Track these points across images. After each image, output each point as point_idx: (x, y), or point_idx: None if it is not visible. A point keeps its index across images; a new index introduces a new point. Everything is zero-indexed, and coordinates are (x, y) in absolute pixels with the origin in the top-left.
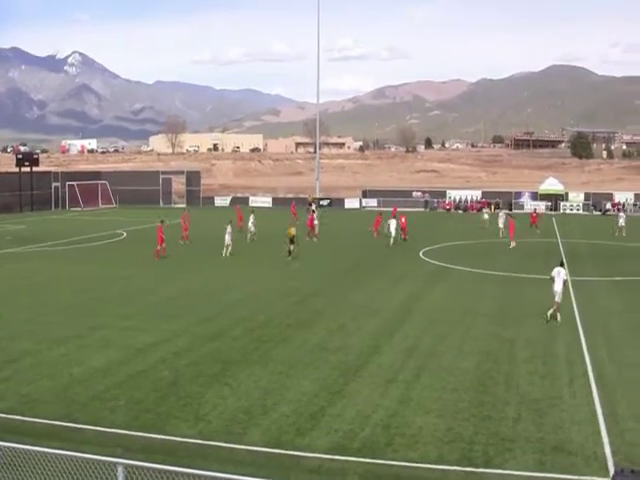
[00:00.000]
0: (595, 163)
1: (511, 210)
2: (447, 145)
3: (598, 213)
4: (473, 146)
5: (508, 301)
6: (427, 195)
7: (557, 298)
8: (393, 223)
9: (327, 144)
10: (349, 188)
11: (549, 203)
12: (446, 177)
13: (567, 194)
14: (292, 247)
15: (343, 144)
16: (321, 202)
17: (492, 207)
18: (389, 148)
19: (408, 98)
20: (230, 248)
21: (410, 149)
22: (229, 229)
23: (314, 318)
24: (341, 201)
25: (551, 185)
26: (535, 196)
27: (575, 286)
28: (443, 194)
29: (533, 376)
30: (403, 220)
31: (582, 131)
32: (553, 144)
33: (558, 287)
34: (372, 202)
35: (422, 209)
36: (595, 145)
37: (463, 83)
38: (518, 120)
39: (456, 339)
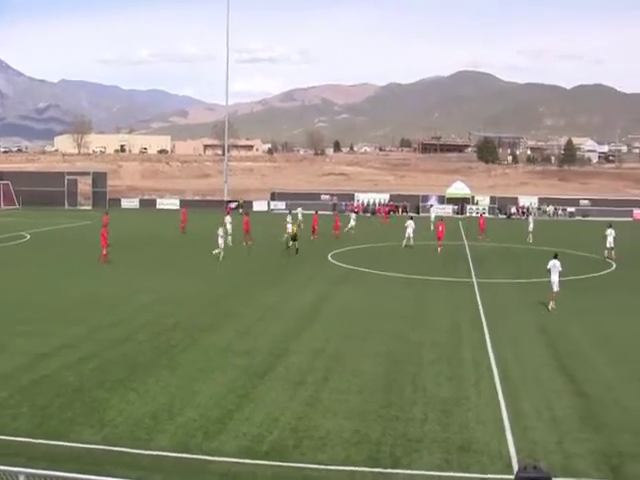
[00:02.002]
0: (501, 167)
1: (418, 213)
2: (355, 148)
3: (503, 217)
4: (381, 150)
5: (415, 304)
6: (335, 198)
7: (555, 288)
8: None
9: (236, 146)
10: (258, 191)
11: (456, 206)
12: (354, 180)
13: (474, 198)
14: (294, 243)
15: (252, 147)
16: (230, 204)
17: (400, 210)
18: (298, 151)
19: (317, 101)
20: (222, 253)
21: (319, 152)
22: (221, 232)
23: (223, 321)
24: (249, 203)
25: (458, 189)
26: (442, 199)
27: (481, 288)
28: (351, 197)
29: (440, 377)
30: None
31: (488, 136)
32: (460, 148)
33: (555, 277)
34: (280, 205)
35: (330, 212)
36: (501, 150)
37: (372, 87)
38: (426, 124)
39: (364, 341)
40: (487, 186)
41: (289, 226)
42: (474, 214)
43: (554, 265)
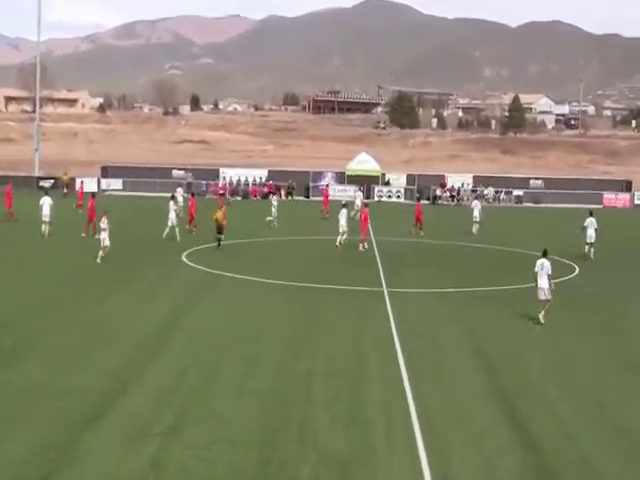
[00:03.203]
0: (422, 135)
1: (308, 197)
2: (222, 106)
3: (426, 202)
4: (257, 109)
5: (301, 321)
6: (191, 175)
7: (543, 296)
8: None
9: (52, 100)
10: (83, 164)
11: (360, 188)
12: (219, 151)
13: (384, 176)
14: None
15: (75, 101)
16: (41, 183)
17: (283, 193)
18: (141, 108)
19: (168, 38)
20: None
21: (170, 110)
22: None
23: (31, 347)
24: (72, 183)
25: (363, 163)
26: (341, 178)
27: (395, 300)
28: (215, 174)
29: (336, 423)
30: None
31: (405, 91)
32: (366, 108)
33: (544, 283)
34: (116, 184)
35: (185, 194)
36: (422, 111)
37: (244, 21)
38: (320, 74)
39: (232, 374)
40: (402, 160)
41: (172, 216)
42: (384, 198)
43: (542, 266)
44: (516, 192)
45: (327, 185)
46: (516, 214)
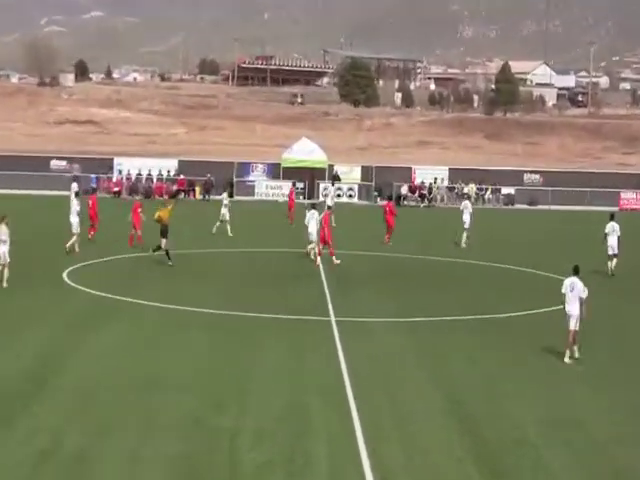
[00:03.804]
0: (382, 114)
1: (232, 196)
2: (117, 75)
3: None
4: (164, 79)
5: (225, 362)
6: (77, 167)
7: (573, 325)
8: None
9: None
10: None
11: (301, 184)
12: (114, 134)
13: (332, 168)
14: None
15: None
16: None
17: (197, 191)
18: (7, 77)
19: None
20: None
21: (47, 81)
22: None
23: None
24: None
25: (304, 152)
26: (275, 171)
27: (346, 333)
28: (109, 165)
29: None
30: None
31: (359, 57)
32: (308, 79)
33: (574, 309)
34: None
35: (67, 192)
36: (382, 82)
37: None
38: (247, 34)
39: (131, 433)
40: (356, 147)
41: (74, 220)
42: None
43: (572, 286)
44: (506, 190)
45: (293, 183)
46: (506, 219)
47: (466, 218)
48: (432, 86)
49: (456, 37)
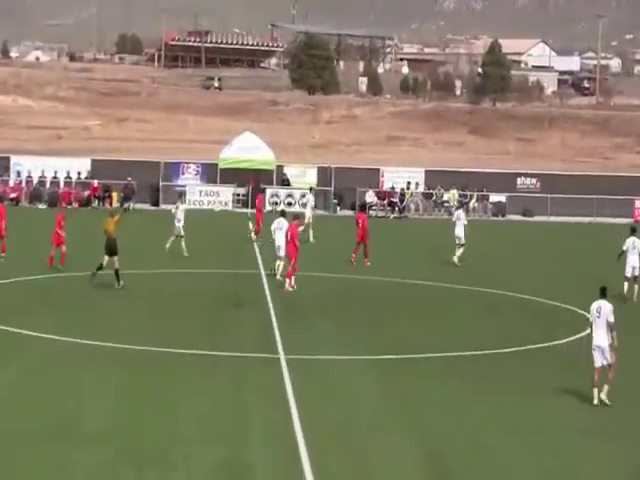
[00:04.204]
0: (343, 103)
1: (157, 205)
2: (15, 54)
3: (350, 212)
4: (74, 59)
5: (146, 410)
6: None
7: (601, 360)
8: None
9: None
10: None
11: (242, 190)
12: (10, 127)
13: (281, 170)
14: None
15: None
16: None
17: (115, 198)
18: None
19: None
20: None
21: None
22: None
23: None
24: None
25: (246, 150)
26: (211, 173)
27: (298, 375)
28: (4, 165)
29: None
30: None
31: (316, 33)
32: (252, 59)
33: (602, 339)
34: None
35: None
36: (343, 65)
37: None
38: (177, 3)
39: None
40: (310, 145)
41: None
42: (282, 206)
43: (600, 311)
44: (495, 197)
45: (263, 190)
46: (495, 232)
47: (459, 232)
48: (405, 69)
49: (434, 9)
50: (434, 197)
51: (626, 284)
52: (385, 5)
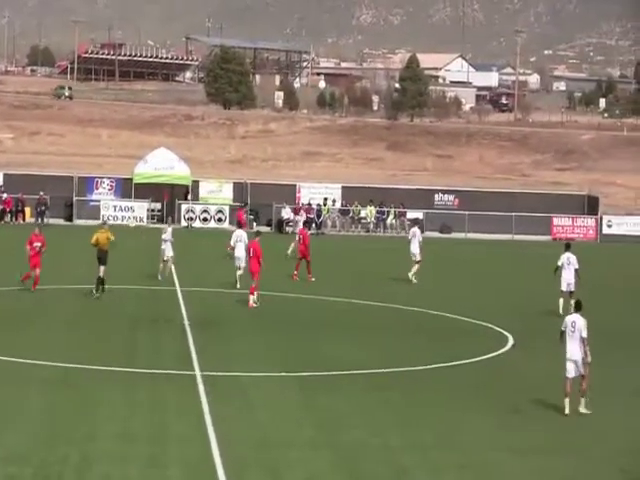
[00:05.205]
0: (259, 118)
1: (71, 220)
2: None
3: (268, 229)
4: None
5: (60, 426)
6: None
7: (574, 371)
8: None
9: None
10: None
11: (157, 205)
12: None
13: (197, 185)
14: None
15: None
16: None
17: (28, 212)
18: None
19: None
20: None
21: None
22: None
23: None
24: None
25: (161, 165)
26: (126, 188)
27: (216, 393)
28: None
29: None
30: None
31: (231, 46)
32: (167, 72)
33: (575, 352)
34: None
35: None
36: (259, 79)
37: None
38: (91, 14)
39: None
40: (226, 160)
41: None
42: (197, 223)
43: (573, 325)
44: (412, 214)
45: (244, 205)
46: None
47: (415, 249)
48: (322, 84)
49: (351, 23)
50: (351, 213)
51: (561, 300)
52: (302, 19)
